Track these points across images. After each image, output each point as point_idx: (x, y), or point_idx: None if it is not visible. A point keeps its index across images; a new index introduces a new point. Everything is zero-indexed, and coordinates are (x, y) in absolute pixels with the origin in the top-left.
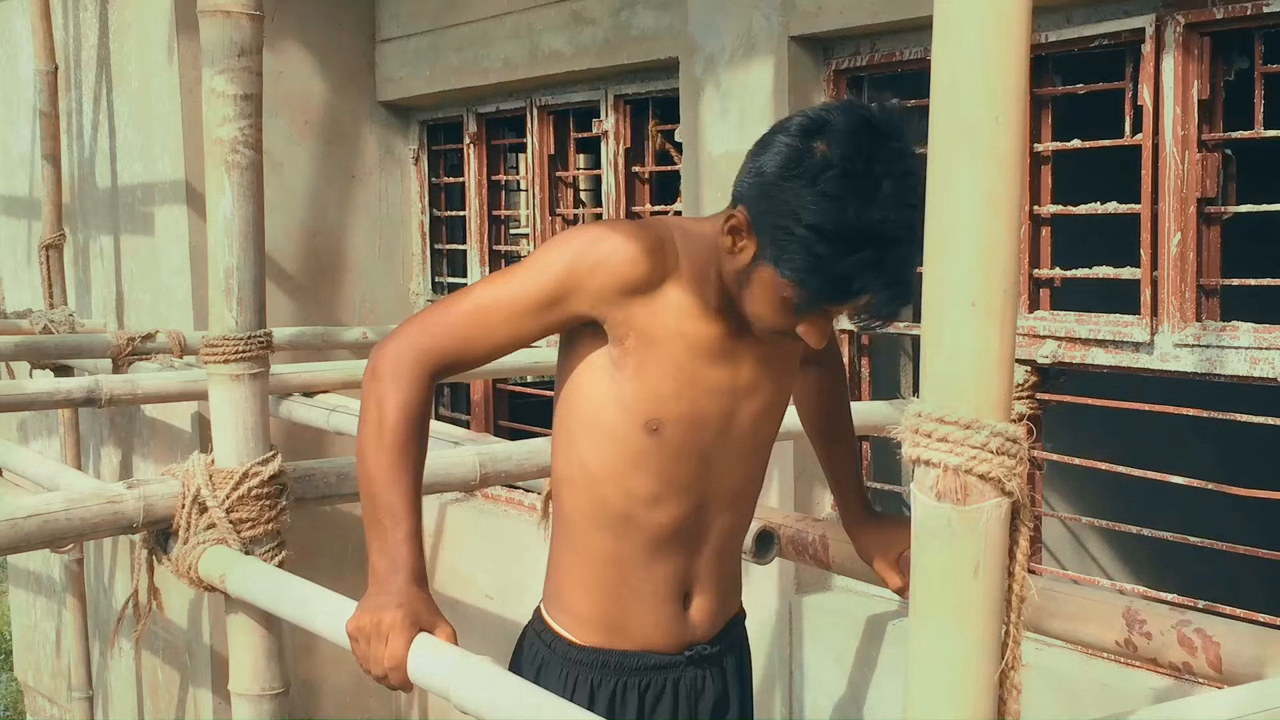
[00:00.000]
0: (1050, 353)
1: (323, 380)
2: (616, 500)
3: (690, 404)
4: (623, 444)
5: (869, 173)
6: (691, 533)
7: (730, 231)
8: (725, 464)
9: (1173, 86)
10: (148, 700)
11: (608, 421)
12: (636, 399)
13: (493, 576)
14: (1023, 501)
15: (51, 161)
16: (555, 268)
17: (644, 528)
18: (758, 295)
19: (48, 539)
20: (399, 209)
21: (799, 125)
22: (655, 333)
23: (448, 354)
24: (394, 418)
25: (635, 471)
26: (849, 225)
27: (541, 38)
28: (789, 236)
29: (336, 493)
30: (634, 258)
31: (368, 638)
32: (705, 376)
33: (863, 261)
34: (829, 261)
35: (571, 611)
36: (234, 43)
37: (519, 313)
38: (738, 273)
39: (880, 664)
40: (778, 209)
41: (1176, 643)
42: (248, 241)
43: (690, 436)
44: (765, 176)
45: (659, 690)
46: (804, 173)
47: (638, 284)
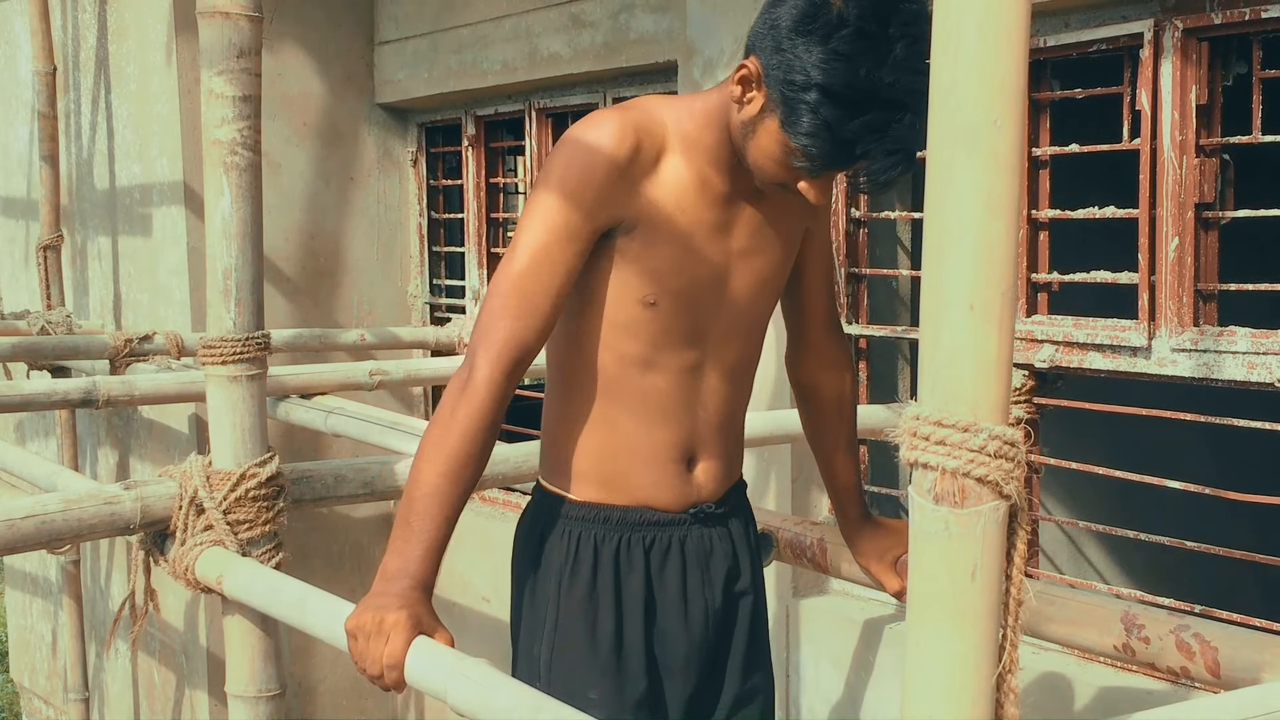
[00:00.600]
0: (1048, 357)
1: (320, 382)
2: (609, 363)
3: (688, 278)
4: (617, 313)
5: (883, 34)
6: (687, 399)
7: (740, 81)
8: (720, 333)
9: (1171, 91)
10: (144, 702)
11: (605, 298)
12: (635, 278)
13: (489, 579)
14: (1020, 505)
15: (49, 162)
16: (571, 191)
17: (637, 391)
18: (763, 145)
19: (44, 540)
20: (397, 211)
21: None
22: (659, 214)
23: (516, 342)
24: (463, 429)
25: (628, 338)
26: (858, 86)
27: (540, 40)
28: (797, 94)
29: (334, 495)
30: (617, 137)
31: (367, 635)
32: (702, 249)
33: (868, 125)
34: (834, 125)
35: (567, 471)
36: (233, 44)
37: (557, 258)
38: (744, 123)
39: (877, 667)
40: (788, 63)
41: (1174, 648)
42: (246, 243)
43: (685, 305)
44: (779, 29)
45: (665, 547)
46: (818, 29)
47: (632, 163)
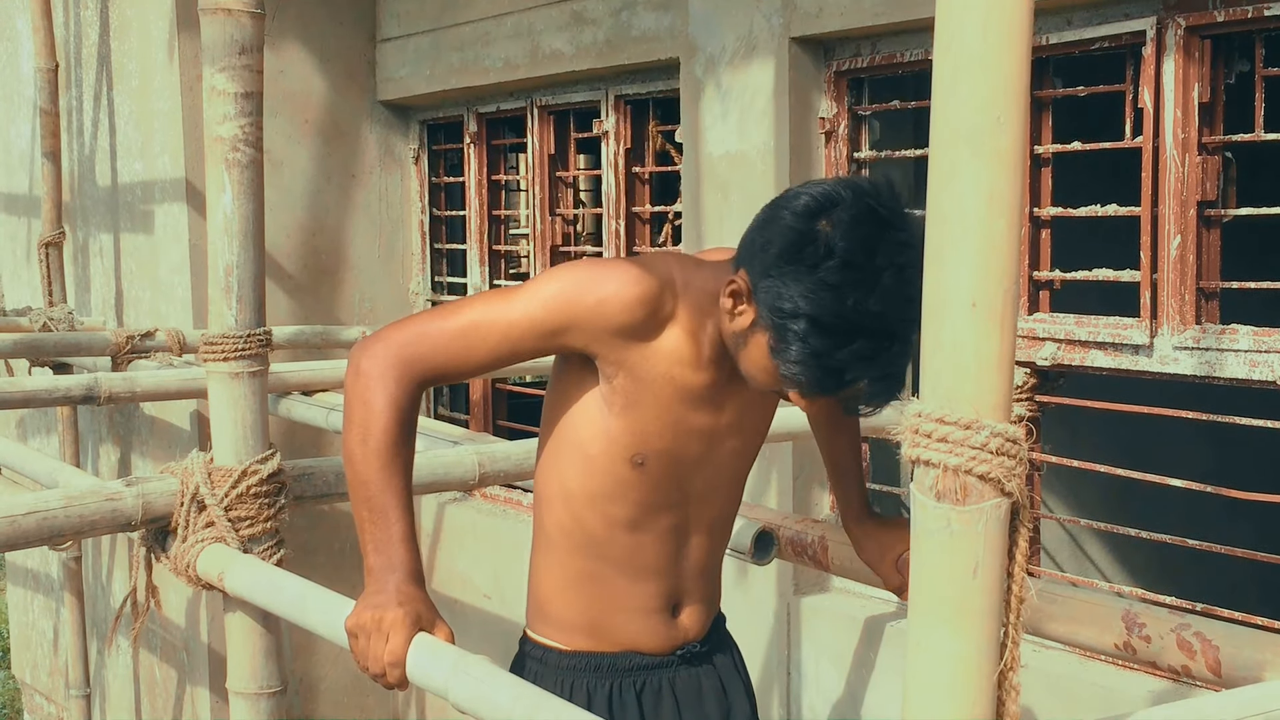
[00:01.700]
0: (1050, 355)
1: (322, 379)
2: (596, 525)
3: (673, 441)
4: (605, 473)
5: (870, 265)
6: (672, 554)
7: (731, 295)
8: (703, 493)
9: (1173, 89)
10: (145, 698)
11: (593, 451)
12: (622, 433)
13: (491, 576)
14: (1022, 502)
15: (51, 159)
16: (556, 300)
17: (623, 550)
18: (754, 358)
19: (46, 536)
20: (399, 208)
21: (805, 205)
22: (645, 375)
23: (436, 366)
24: (383, 419)
25: (616, 499)
26: (845, 316)
27: (542, 38)
28: (785, 321)
29: (335, 491)
30: (633, 304)
31: (368, 634)
32: (690, 418)
33: (857, 354)
34: (823, 356)
35: (556, 622)
36: (235, 41)
37: (513, 337)
38: (735, 333)
39: (878, 665)
40: (777, 289)
41: (1175, 646)
42: (247, 239)
43: (672, 469)
44: (767, 253)
45: (656, 688)
46: (806, 258)
47: (633, 329)
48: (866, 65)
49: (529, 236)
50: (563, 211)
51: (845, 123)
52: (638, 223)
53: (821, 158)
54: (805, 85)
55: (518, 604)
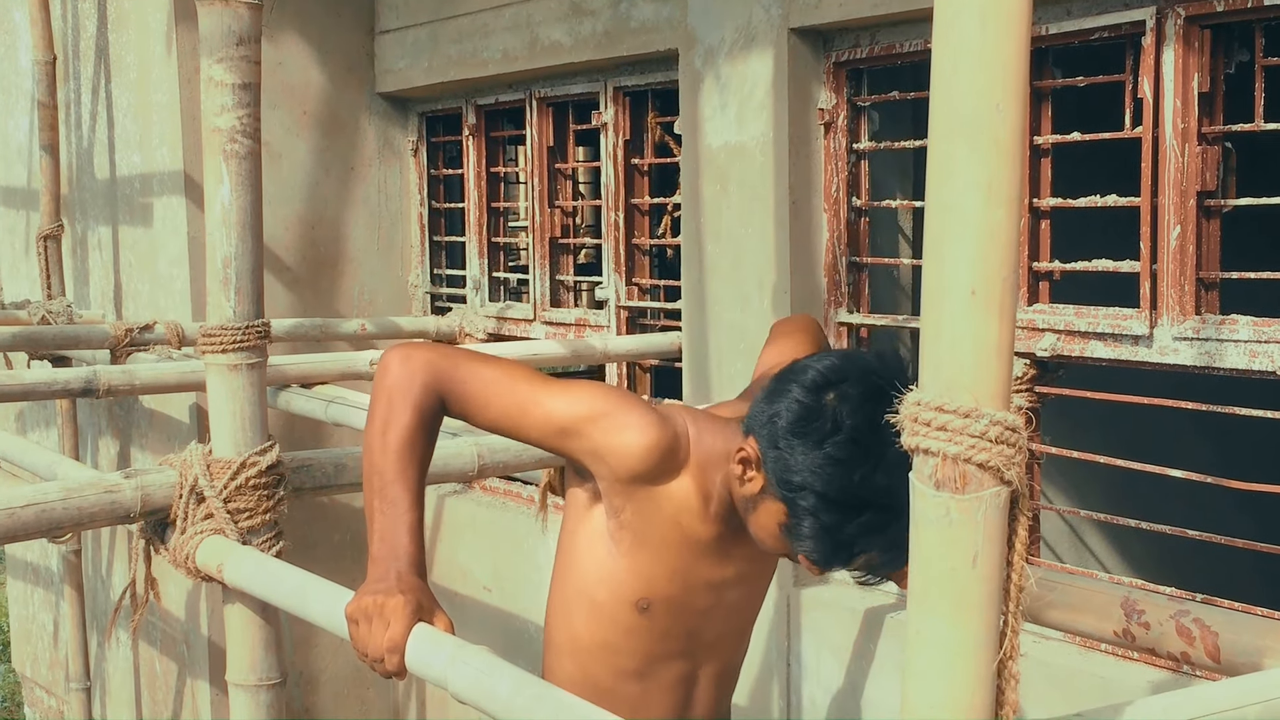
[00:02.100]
0: (1049, 346)
1: (321, 371)
2: (603, 675)
3: (680, 589)
4: (612, 620)
5: (875, 440)
6: (679, 707)
7: (741, 462)
8: (710, 643)
9: (1173, 79)
10: (145, 691)
11: (600, 597)
12: (628, 576)
13: (491, 568)
14: (1021, 491)
15: (50, 152)
16: (580, 410)
17: (629, 701)
18: (763, 523)
19: (45, 528)
20: (397, 201)
21: (813, 380)
22: (652, 517)
23: (456, 395)
24: (406, 415)
25: (622, 650)
26: (853, 491)
27: (541, 29)
28: (794, 495)
29: (334, 483)
30: (646, 453)
31: (369, 620)
32: (696, 567)
33: (865, 527)
34: (833, 530)
35: None
36: (232, 31)
37: (530, 413)
38: (745, 498)
39: (878, 657)
40: (785, 462)
41: (1175, 633)
42: (246, 231)
43: (678, 617)
44: (775, 425)
45: None
46: (812, 432)
47: (645, 477)
48: (866, 56)
49: (528, 229)
50: (562, 203)
51: (844, 114)
52: (637, 214)
53: (821, 149)
54: (804, 76)
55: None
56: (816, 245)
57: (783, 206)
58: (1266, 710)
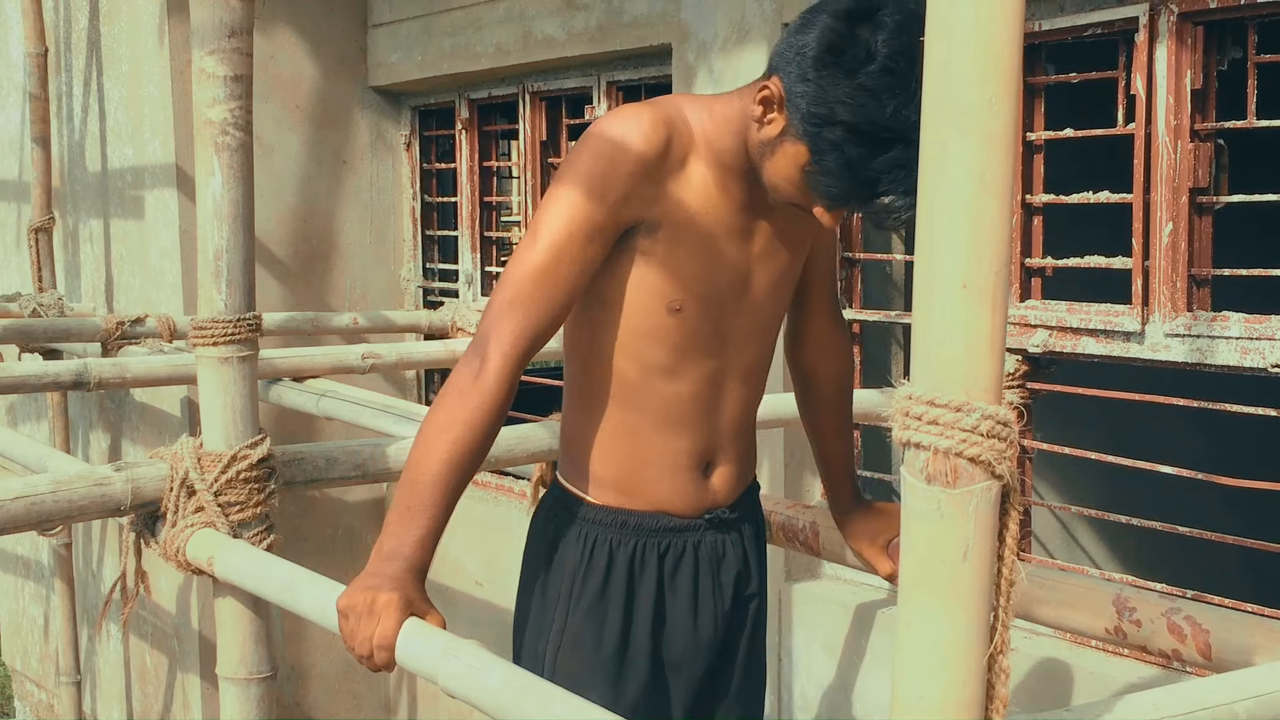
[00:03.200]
0: (1041, 342)
1: (312, 365)
2: (631, 371)
3: (711, 283)
4: (642, 320)
5: (911, 71)
6: (707, 406)
7: (762, 102)
8: (739, 338)
9: (1166, 76)
10: (136, 685)
11: (629, 301)
12: (660, 281)
13: (482, 563)
14: (1013, 485)
15: (41, 144)
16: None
17: (659, 399)
18: (780, 167)
19: (34, 521)
20: (390, 195)
21: (847, 8)
22: (684, 215)
23: (534, 328)
24: (472, 431)
25: (653, 345)
26: (884, 123)
27: (534, 23)
28: (821, 128)
29: (325, 477)
30: (647, 134)
31: (359, 615)
32: (725, 253)
33: (893, 161)
34: (858, 164)
35: (587, 474)
36: (224, 23)
37: (578, 253)
38: (763, 142)
39: (869, 652)
40: (813, 94)
41: (1166, 630)
42: (237, 224)
43: (708, 311)
44: (804, 57)
45: (679, 552)
46: (845, 62)
47: (659, 159)
48: None
49: (521, 223)
50: None
51: None
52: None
53: None
54: None
55: (509, 591)
56: None
57: None
58: (1258, 706)
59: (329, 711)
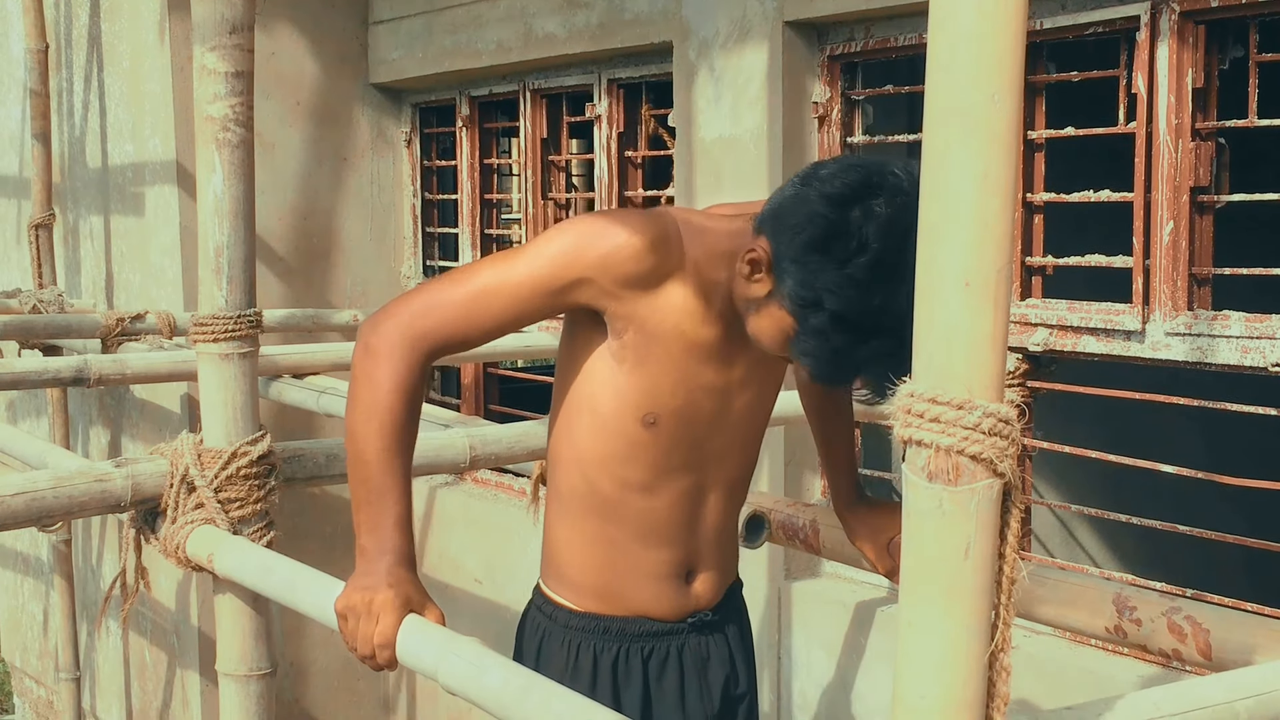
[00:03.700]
0: (1042, 340)
1: (313, 362)
2: (610, 488)
3: (686, 399)
4: (618, 434)
5: (901, 264)
6: (686, 518)
7: (750, 263)
8: (718, 453)
9: (1167, 75)
10: (135, 681)
11: (605, 411)
12: (634, 392)
13: (482, 560)
14: (1014, 483)
15: (42, 141)
16: (562, 255)
17: (638, 514)
18: (765, 326)
19: (34, 517)
20: (390, 192)
21: (839, 193)
22: (655, 329)
23: (446, 335)
24: (389, 399)
25: (629, 461)
26: (870, 315)
27: (535, 21)
28: (806, 311)
29: (326, 474)
30: (640, 253)
31: (357, 616)
32: (701, 374)
33: (877, 351)
34: (843, 352)
35: (569, 582)
36: (225, 19)
37: (522, 298)
38: (749, 298)
39: (869, 650)
40: (801, 277)
41: (1166, 629)
42: (238, 220)
43: (685, 429)
44: (796, 236)
45: (663, 656)
46: (835, 250)
47: (641, 279)
48: (860, 50)
49: (521, 221)
50: (555, 195)
51: (839, 107)
52: (630, 207)
53: (815, 142)
54: (799, 69)
55: (509, 588)
56: None
57: None
58: (1258, 705)
59: (329, 708)
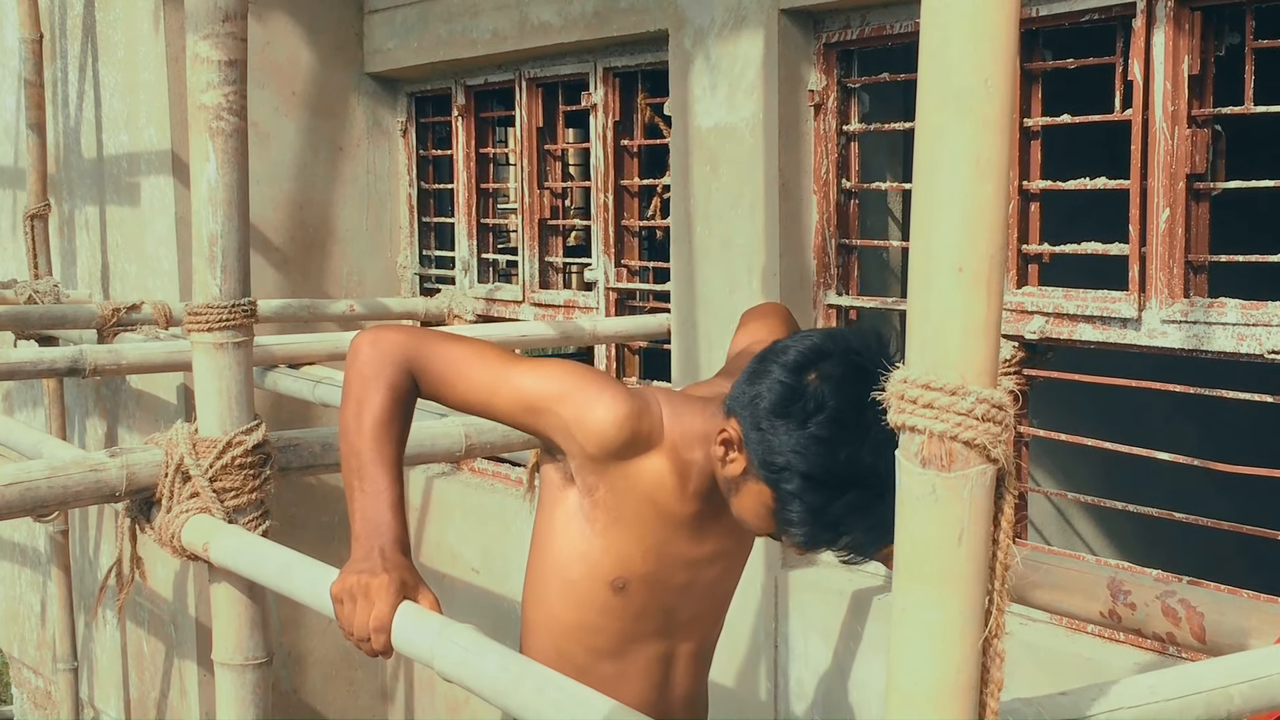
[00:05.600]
0: (1038, 328)
1: (308, 352)
2: (579, 655)
3: (656, 567)
4: (589, 602)
5: (860, 419)
6: (656, 683)
7: (723, 444)
8: (687, 621)
9: (1163, 61)
10: (133, 671)
11: (575, 576)
12: (603, 556)
13: (479, 550)
14: (1008, 469)
15: (36, 131)
16: (550, 386)
17: (605, 681)
18: (747, 504)
19: (30, 507)
20: (386, 182)
21: (794, 360)
22: (625, 494)
23: (428, 376)
24: (382, 396)
25: (598, 631)
26: (837, 471)
27: (530, 9)
28: (777, 476)
29: (321, 463)
30: (617, 428)
31: (353, 600)
32: (673, 544)
33: (851, 505)
34: (818, 511)
35: None
36: (218, 7)
37: (499, 391)
38: (728, 479)
39: (865, 638)
40: (768, 443)
41: (1160, 613)
42: (232, 209)
43: (654, 596)
44: (758, 406)
45: None
46: (795, 412)
47: (614, 452)
48: (856, 37)
49: (517, 210)
50: (551, 185)
51: (834, 95)
52: (626, 195)
53: (811, 130)
54: (794, 57)
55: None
56: (806, 227)
57: (772, 188)
58: (1252, 690)
59: (326, 697)
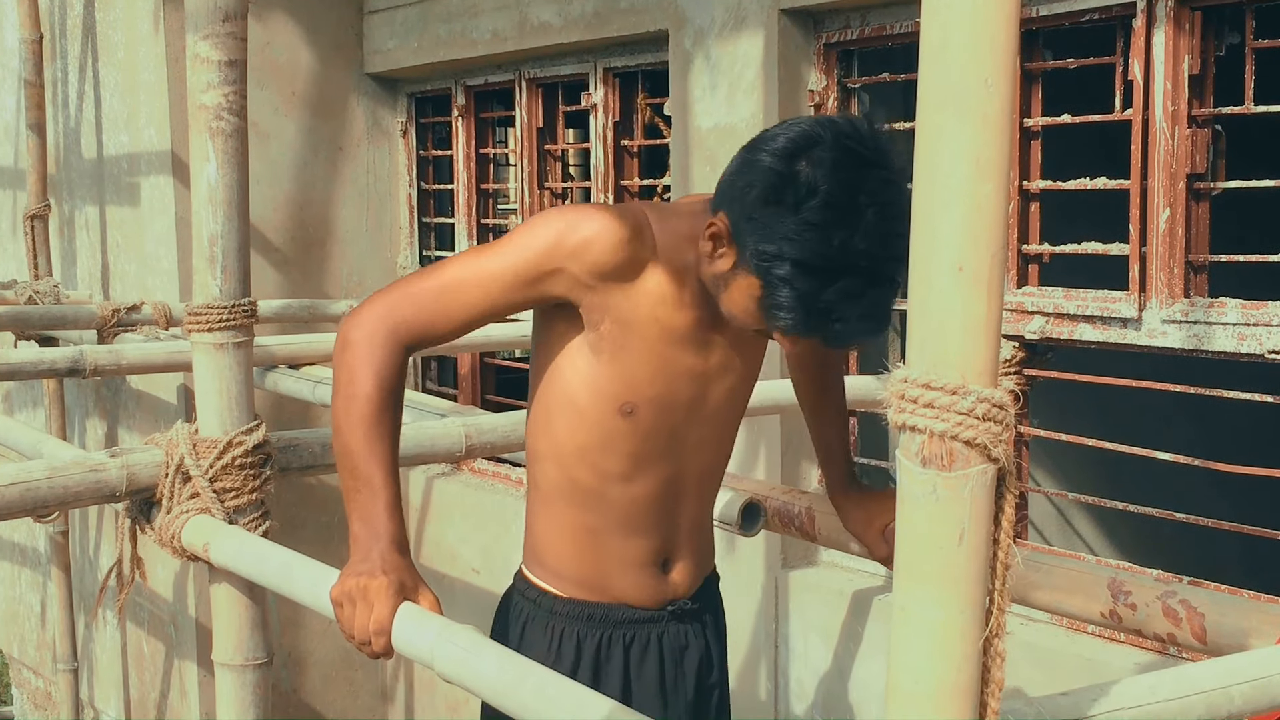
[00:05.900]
0: (1038, 328)
1: (309, 352)
2: (588, 478)
3: (664, 387)
4: (596, 425)
5: (853, 203)
6: (664, 507)
7: (711, 238)
8: (695, 442)
9: (1163, 61)
10: (133, 671)
11: (582, 403)
12: (611, 382)
13: (479, 550)
14: (1008, 468)
15: (36, 131)
16: (535, 247)
17: (616, 503)
18: (735, 299)
19: (30, 507)
20: (386, 182)
21: (784, 147)
22: (631, 319)
23: (421, 326)
24: (369, 388)
25: (608, 451)
26: (830, 256)
27: (530, 9)
28: (769, 264)
29: (321, 463)
30: (615, 245)
31: (353, 603)
32: (678, 361)
33: (843, 292)
34: (809, 297)
35: (550, 569)
36: (218, 7)
37: (495, 290)
38: (716, 275)
39: (865, 639)
40: (759, 231)
41: (1161, 614)
42: (232, 209)
43: (662, 418)
44: (748, 195)
45: (644, 643)
46: (787, 199)
47: (617, 270)
48: (856, 37)
49: (518, 210)
50: (551, 185)
51: (834, 95)
52: (626, 196)
53: None
54: (794, 57)
55: (506, 578)
56: None
57: None
58: (1253, 690)
59: (326, 698)
